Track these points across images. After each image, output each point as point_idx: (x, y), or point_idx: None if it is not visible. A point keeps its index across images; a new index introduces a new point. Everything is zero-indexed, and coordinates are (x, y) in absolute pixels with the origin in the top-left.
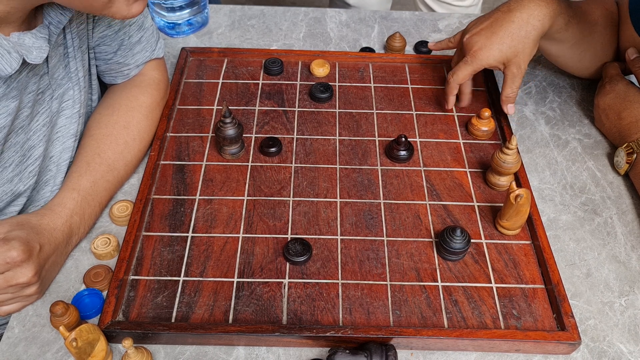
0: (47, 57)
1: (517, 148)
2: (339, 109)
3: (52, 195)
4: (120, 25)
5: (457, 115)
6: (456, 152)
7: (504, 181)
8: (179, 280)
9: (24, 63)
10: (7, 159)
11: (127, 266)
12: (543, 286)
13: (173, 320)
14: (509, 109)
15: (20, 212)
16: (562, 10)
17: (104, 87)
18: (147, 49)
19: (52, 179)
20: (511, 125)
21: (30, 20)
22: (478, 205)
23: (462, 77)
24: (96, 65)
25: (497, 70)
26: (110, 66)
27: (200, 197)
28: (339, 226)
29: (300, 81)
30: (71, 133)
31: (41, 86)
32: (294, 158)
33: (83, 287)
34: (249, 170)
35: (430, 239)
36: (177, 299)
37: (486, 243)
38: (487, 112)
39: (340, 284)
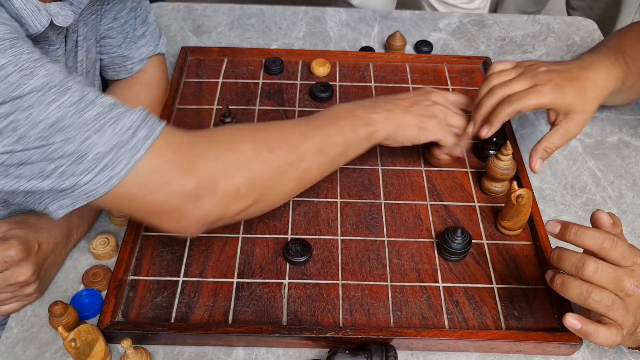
0: (66, 42)
1: (512, 154)
2: None
3: None
4: (126, 17)
5: None
6: None
7: (498, 187)
8: (178, 281)
9: (49, 28)
10: None
11: (126, 266)
12: (544, 287)
13: (172, 321)
14: (537, 164)
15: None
16: (618, 73)
17: (104, 86)
18: (150, 43)
19: None
20: (512, 124)
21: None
22: (479, 206)
23: (531, 105)
24: (100, 60)
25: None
26: (114, 60)
27: None
28: (339, 226)
29: (300, 80)
30: None
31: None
32: None
33: (82, 287)
34: None
35: (431, 240)
36: (176, 300)
37: (487, 243)
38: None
39: (340, 284)
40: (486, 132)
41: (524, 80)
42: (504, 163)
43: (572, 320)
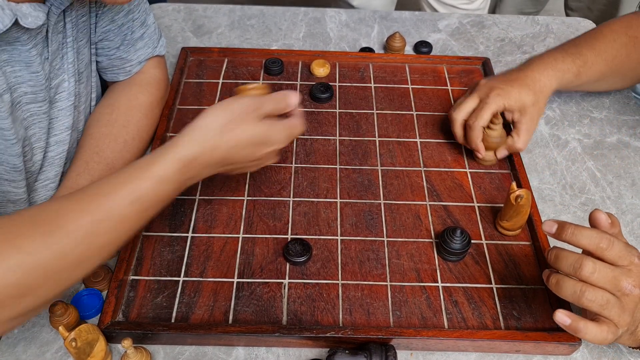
0: (48, 42)
1: (502, 124)
2: (339, 109)
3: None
4: (123, 20)
5: None
6: (456, 152)
7: (490, 155)
8: (178, 281)
9: (19, 29)
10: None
11: (127, 266)
12: (543, 287)
13: (173, 321)
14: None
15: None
16: (568, 66)
17: (104, 87)
18: (149, 45)
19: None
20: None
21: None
22: (478, 206)
23: (486, 117)
24: (97, 62)
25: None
26: (112, 62)
27: (200, 197)
28: (339, 226)
29: (300, 81)
30: (65, 126)
31: (45, 71)
32: (294, 158)
33: (82, 287)
34: None
35: (431, 240)
36: (177, 299)
37: (486, 244)
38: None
39: (340, 284)
40: (481, 156)
41: (471, 99)
42: (495, 132)
43: (561, 316)
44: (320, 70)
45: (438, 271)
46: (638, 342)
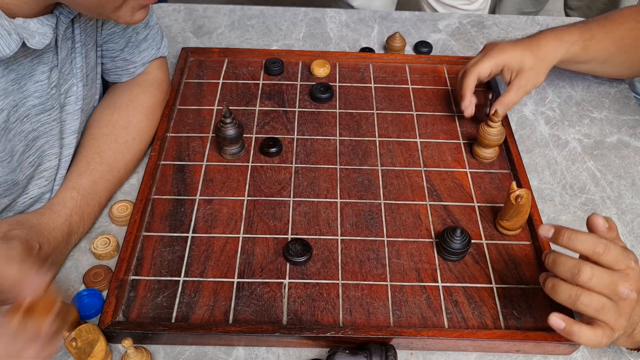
0: (57, 50)
1: (501, 121)
2: (339, 109)
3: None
4: None
5: (458, 116)
6: (456, 152)
7: (489, 153)
8: (179, 281)
9: (26, 47)
10: (13, 148)
11: (127, 266)
12: None
13: (173, 321)
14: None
15: (11, 203)
16: (576, 38)
17: (105, 87)
18: (152, 47)
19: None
20: (511, 125)
21: (42, 12)
22: (478, 206)
23: (484, 69)
24: (102, 64)
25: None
26: (116, 63)
27: (201, 198)
28: (339, 226)
29: (300, 81)
30: (73, 129)
31: (52, 79)
32: (294, 158)
33: (83, 287)
34: (249, 170)
35: (431, 240)
36: (177, 299)
37: (486, 243)
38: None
39: (340, 284)
40: (463, 106)
41: (476, 57)
42: (494, 130)
43: (556, 320)
44: (320, 70)
45: (438, 271)
46: (636, 344)
